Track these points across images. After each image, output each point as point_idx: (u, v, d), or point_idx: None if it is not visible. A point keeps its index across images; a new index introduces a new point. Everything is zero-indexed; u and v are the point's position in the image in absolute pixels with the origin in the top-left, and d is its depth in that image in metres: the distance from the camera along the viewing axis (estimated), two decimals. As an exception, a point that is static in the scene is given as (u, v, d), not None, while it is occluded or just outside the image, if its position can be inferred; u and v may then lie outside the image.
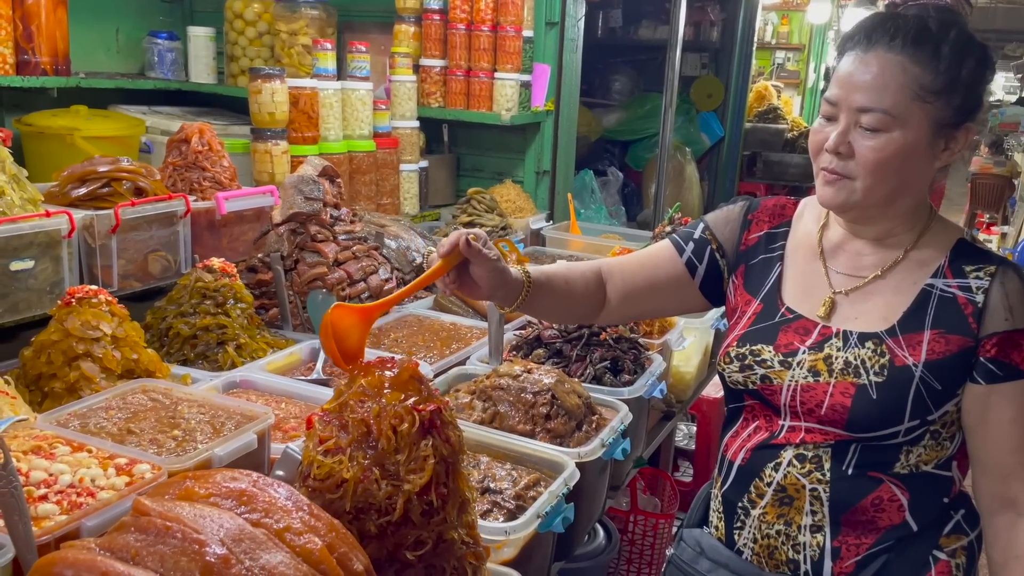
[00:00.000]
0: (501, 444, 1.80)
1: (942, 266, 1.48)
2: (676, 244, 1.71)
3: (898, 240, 1.52)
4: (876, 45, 1.39)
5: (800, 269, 1.60)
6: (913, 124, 1.38)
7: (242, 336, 2.17)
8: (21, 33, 3.33)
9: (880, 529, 1.49)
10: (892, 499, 1.48)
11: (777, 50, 9.65)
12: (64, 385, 1.79)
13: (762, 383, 1.54)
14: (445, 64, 3.63)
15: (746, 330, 1.59)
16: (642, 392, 2.14)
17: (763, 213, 1.67)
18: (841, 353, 1.49)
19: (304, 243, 2.36)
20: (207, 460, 1.47)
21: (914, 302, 1.48)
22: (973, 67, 1.40)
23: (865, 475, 1.48)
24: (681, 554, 1.69)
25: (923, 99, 1.37)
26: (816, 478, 1.50)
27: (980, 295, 1.44)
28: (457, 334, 2.44)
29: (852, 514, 1.49)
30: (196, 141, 2.54)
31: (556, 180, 3.86)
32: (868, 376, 1.45)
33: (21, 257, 1.95)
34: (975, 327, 1.43)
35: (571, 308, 1.74)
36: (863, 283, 1.53)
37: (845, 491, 1.49)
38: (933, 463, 1.50)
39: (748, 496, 1.58)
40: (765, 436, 1.57)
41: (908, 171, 1.42)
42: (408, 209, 3.55)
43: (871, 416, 1.45)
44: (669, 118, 4.92)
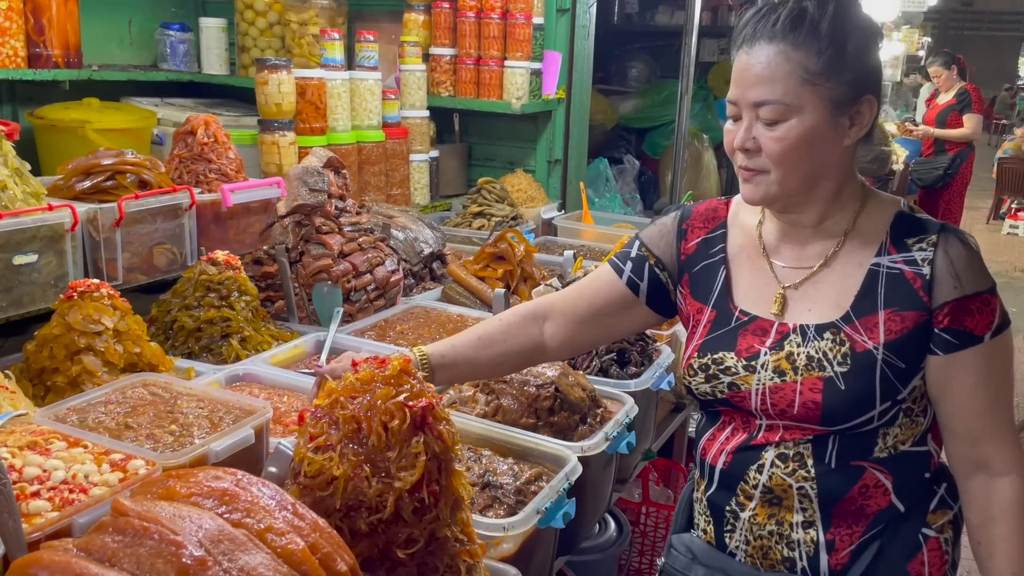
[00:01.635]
0: (503, 438, 1.78)
1: (884, 243, 1.48)
2: (614, 266, 1.69)
3: (835, 223, 1.51)
4: (759, 38, 1.40)
5: (747, 269, 1.58)
6: (809, 108, 1.38)
7: (246, 329, 2.16)
8: (32, 26, 3.33)
9: (869, 515, 1.49)
10: (877, 484, 1.48)
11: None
12: (66, 379, 1.79)
13: (730, 391, 1.52)
14: (455, 53, 3.59)
15: (704, 339, 1.57)
16: (649, 384, 2.11)
17: (696, 220, 1.65)
18: (802, 348, 1.47)
19: (309, 235, 2.35)
20: (203, 455, 1.46)
21: (863, 284, 1.47)
22: (859, 39, 1.39)
23: (848, 465, 1.48)
24: (673, 562, 1.65)
25: (812, 82, 1.37)
26: (801, 476, 1.49)
27: (926, 267, 1.43)
28: (464, 325, 2.42)
29: (842, 505, 1.49)
30: (202, 133, 2.53)
31: (568, 169, 3.83)
32: (833, 368, 1.45)
33: (24, 251, 1.94)
34: (926, 299, 1.42)
35: (499, 363, 1.70)
36: (810, 273, 1.51)
37: (832, 484, 1.48)
38: (910, 441, 1.50)
39: (735, 499, 1.55)
40: (744, 438, 1.54)
41: (817, 155, 1.41)
42: (419, 199, 3.53)
43: (844, 407, 1.44)
44: (685, 105, 4.85)
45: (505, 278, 2.64)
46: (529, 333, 1.69)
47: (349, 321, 2.37)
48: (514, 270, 2.63)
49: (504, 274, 2.63)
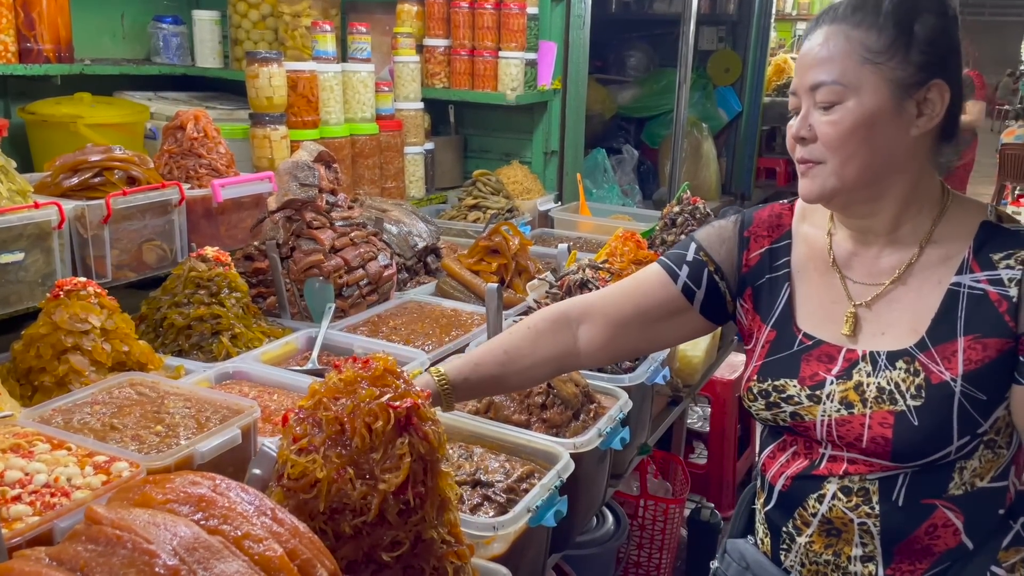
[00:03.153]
0: (495, 435, 1.76)
1: (966, 259, 1.34)
2: (668, 269, 1.56)
3: (911, 232, 1.38)
4: (821, 24, 1.34)
5: (814, 286, 1.46)
6: (868, 89, 1.29)
7: (237, 326, 2.14)
8: (23, 21, 3.30)
9: (935, 554, 1.38)
10: (947, 524, 1.36)
11: (798, 21, 9.44)
12: (53, 379, 1.77)
13: (792, 420, 1.43)
14: (449, 44, 3.56)
15: (763, 361, 1.47)
16: (644, 379, 2.09)
17: (760, 227, 1.54)
18: (872, 379, 1.36)
19: (300, 230, 2.32)
20: (188, 457, 1.44)
21: (941, 306, 1.34)
22: (929, 19, 1.29)
23: (918, 503, 1.36)
24: (726, 569, 1.59)
25: (872, 61, 1.29)
26: (864, 512, 1.38)
27: (1013, 288, 1.29)
28: (458, 320, 2.40)
29: (906, 544, 1.38)
30: (191, 128, 2.51)
31: (565, 160, 3.80)
32: (905, 401, 1.33)
33: (10, 250, 1.92)
34: (1012, 324, 1.29)
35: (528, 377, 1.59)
36: (883, 290, 1.39)
37: (897, 523, 1.37)
38: (989, 476, 1.37)
39: (793, 523, 1.47)
40: (805, 465, 1.45)
41: (878, 142, 1.31)
42: (414, 192, 3.51)
43: (916, 444, 1.32)
44: (684, 94, 4.84)
45: (499, 271, 2.62)
46: (560, 339, 1.57)
47: (342, 317, 2.35)
48: (508, 263, 2.61)
49: (498, 267, 2.61)
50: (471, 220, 3.27)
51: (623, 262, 2.39)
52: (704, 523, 3.37)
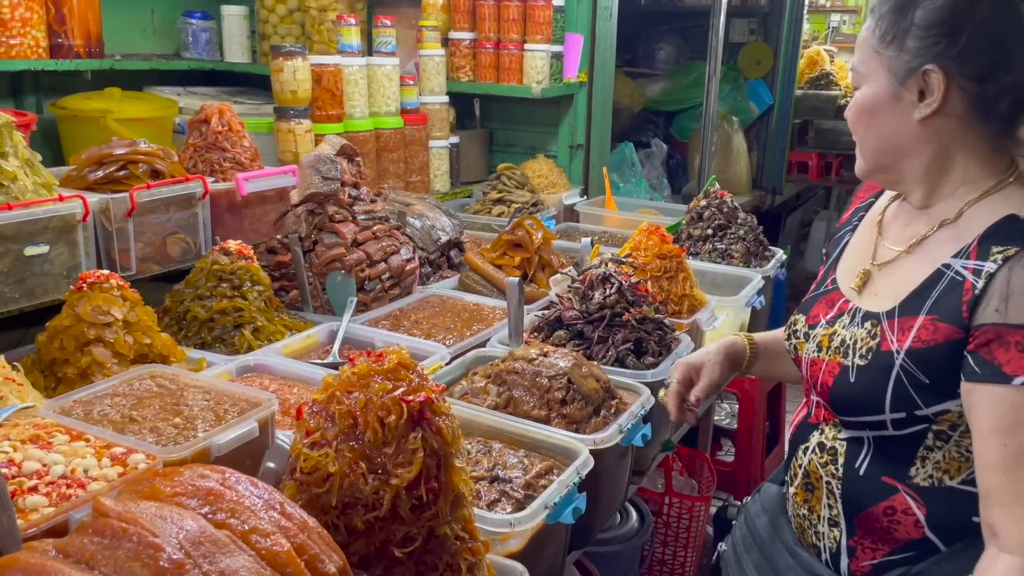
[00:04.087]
0: (514, 430, 1.74)
1: (970, 245, 1.34)
2: None
3: (940, 210, 1.42)
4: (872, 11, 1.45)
5: (861, 242, 1.58)
6: (874, 77, 1.39)
7: (259, 319, 2.14)
8: (53, 16, 3.34)
9: (898, 541, 1.40)
10: (907, 512, 1.38)
11: (832, 13, 9.28)
12: (76, 371, 1.79)
13: (794, 353, 1.59)
14: (474, 36, 3.54)
15: (804, 298, 1.64)
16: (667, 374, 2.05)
17: (864, 189, 1.68)
18: (844, 331, 1.46)
19: (322, 224, 2.32)
20: (205, 449, 1.44)
21: (924, 282, 1.38)
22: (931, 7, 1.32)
23: (878, 479, 1.41)
24: (751, 504, 1.76)
25: (878, 51, 1.38)
26: (831, 471, 1.47)
27: (982, 280, 1.28)
28: (479, 314, 2.39)
29: (865, 518, 1.43)
30: (216, 121, 2.52)
31: (591, 154, 3.76)
32: (853, 358, 1.42)
33: (36, 242, 1.94)
34: (966, 317, 1.29)
35: None
36: (895, 256, 1.47)
37: (857, 492, 1.43)
38: (960, 477, 1.37)
39: (789, 472, 1.61)
40: (804, 413, 1.61)
41: (882, 126, 1.40)
42: (439, 186, 3.50)
43: (849, 399, 1.41)
44: (713, 87, 4.78)
45: (522, 266, 2.59)
46: None
47: (364, 310, 2.35)
48: (531, 257, 2.58)
49: (521, 262, 2.59)
50: (495, 214, 3.26)
51: (647, 256, 2.36)
52: (731, 521, 3.32)
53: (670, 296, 2.36)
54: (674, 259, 2.38)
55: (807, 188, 7.39)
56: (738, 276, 2.81)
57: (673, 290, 2.36)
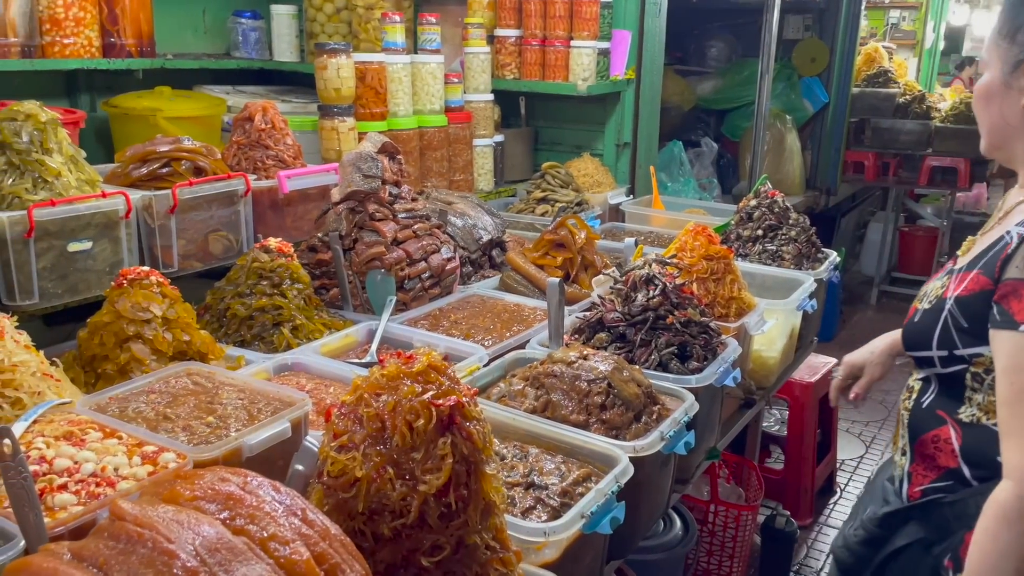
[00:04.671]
0: (552, 435, 1.70)
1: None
2: None
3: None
4: None
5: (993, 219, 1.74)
6: (992, 65, 1.57)
7: (298, 317, 2.13)
8: (106, 16, 3.39)
9: (940, 468, 1.63)
10: (948, 441, 1.62)
11: (891, 9, 9.02)
12: (115, 367, 1.79)
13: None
14: (520, 34, 3.50)
15: None
16: (712, 380, 1.98)
17: None
18: (931, 284, 1.71)
19: (363, 222, 2.30)
20: (236, 449, 1.43)
21: (989, 245, 1.59)
22: None
23: (934, 412, 1.66)
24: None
25: (996, 42, 1.57)
26: (906, 406, 1.74)
27: (1016, 241, 1.52)
28: (520, 315, 2.34)
29: (920, 445, 1.67)
30: (259, 119, 2.52)
31: (638, 152, 3.69)
32: (924, 304, 1.68)
33: (79, 238, 1.96)
34: (998, 272, 1.52)
35: None
36: (991, 226, 1.67)
37: (918, 422, 1.68)
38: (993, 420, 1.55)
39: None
40: None
41: (993, 111, 1.58)
42: (483, 185, 3.46)
43: (911, 336, 1.69)
44: (766, 85, 4.67)
45: (565, 266, 2.54)
46: None
47: (403, 309, 2.32)
48: (574, 258, 2.53)
49: (564, 262, 2.54)
50: (539, 213, 3.21)
51: (693, 257, 2.28)
52: (779, 531, 3.23)
53: (717, 298, 2.28)
54: (721, 260, 2.31)
55: (863, 189, 7.18)
56: (789, 279, 2.72)
57: (720, 292, 2.29)
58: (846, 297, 7.04)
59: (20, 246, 1.85)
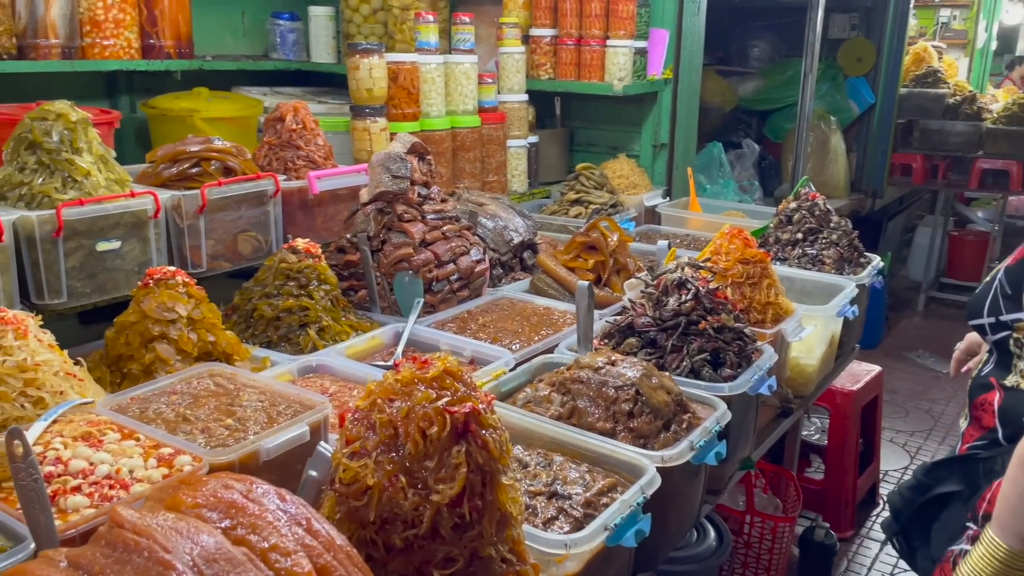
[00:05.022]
0: (577, 443, 1.65)
1: None
2: None
3: None
4: None
5: None
6: None
7: (324, 318, 2.11)
8: (146, 18, 3.43)
9: (983, 428, 1.72)
10: (990, 401, 1.71)
11: (941, 8, 8.78)
12: (140, 367, 1.79)
13: None
14: (556, 33, 3.45)
15: None
16: (746, 388, 1.92)
17: None
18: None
19: (391, 223, 2.28)
20: (253, 453, 1.41)
21: None
22: None
23: (988, 379, 1.75)
24: None
25: None
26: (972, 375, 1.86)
27: None
28: (549, 319, 2.30)
29: (974, 408, 1.78)
30: (291, 119, 2.51)
31: (675, 153, 3.62)
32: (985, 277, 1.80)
33: (107, 237, 1.96)
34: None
35: None
36: None
37: (975, 388, 1.79)
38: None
39: None
40: None
41: None
42: (516, 187, 3.43)
43: (971, 306, 1.79)
44: (809, 85, 4.57)
45: (596, 269, 2.49)
46: None
47: (431, 312, 2.29)
48: (606, 260, 2.48)
49: (595, 265, 2.49)
50: (572, 215, 3.16)
51: (728, 261, 2.22)
52: (818, 544, 3.14)
53: (752, 304, 2.21)
54: (758, 264, 2.24)
55: (911, 192, 6.99)
56: (829, 284, 2.63)
57: (756, 297, 2.22)
58: (892, 303, 6.86)
59: (49, 245, 1.86)
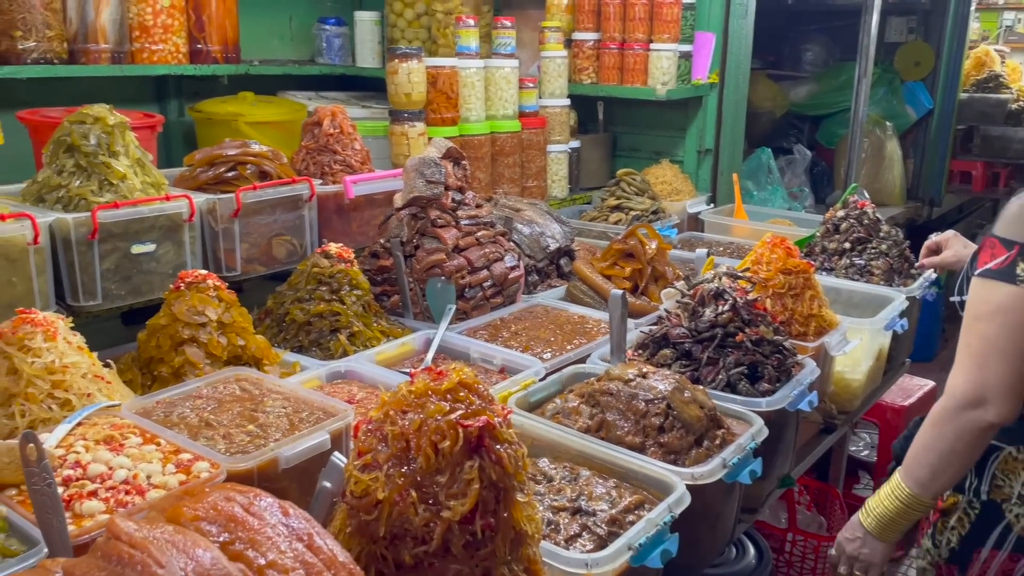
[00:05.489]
0: (604, 457, 1.60)
1: None
2: None
3: None
4: None
5: None
6: None
7: (356, 324, 2.10)
8: (194, 23, 3.48)
9: None
10: None
11: (1005, 11, 8.49)
12: (170, 370, 1.80)
13: None
14: (598, 37, 3.41)
15: None
16: (784, 403, 1.85)
17: None
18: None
19: (424, 228, 2.26)
20: (272, 460, 1.39)
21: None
22: None
23: None
24: None
25: None
26: None
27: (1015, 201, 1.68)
28: (583, 327, 2.25)
29: None
30: (328, 124, 2.51)
31: (720, 159, 3.54)
32: None
33: (142, 240, 1.98)
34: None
35: None
36: None
37: None
38: None
39: None
40: None
41: None
42: (556, 192, 3.38)
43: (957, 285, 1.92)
44: (863, 89, 4.45)
45: (633, 277, 2.44)
46: None
47: (464, 318, 2.27)
48: (643, 268, 2.42)
49: (632, 273, 2.44)
50: (612, 222, 3.11)
51: (769, 271, 2.15)
52: (863, 564, 3.01)
53: (794, 316, 2.14)
54: (800, 275, 2.16)
55: (970, 200, 6.75)
56: (878, 295, 2.53)
57: (798, 309, 2.14)
58: (948, 315, 6.62)
59: (84, 247, 1.88)
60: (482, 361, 2.06)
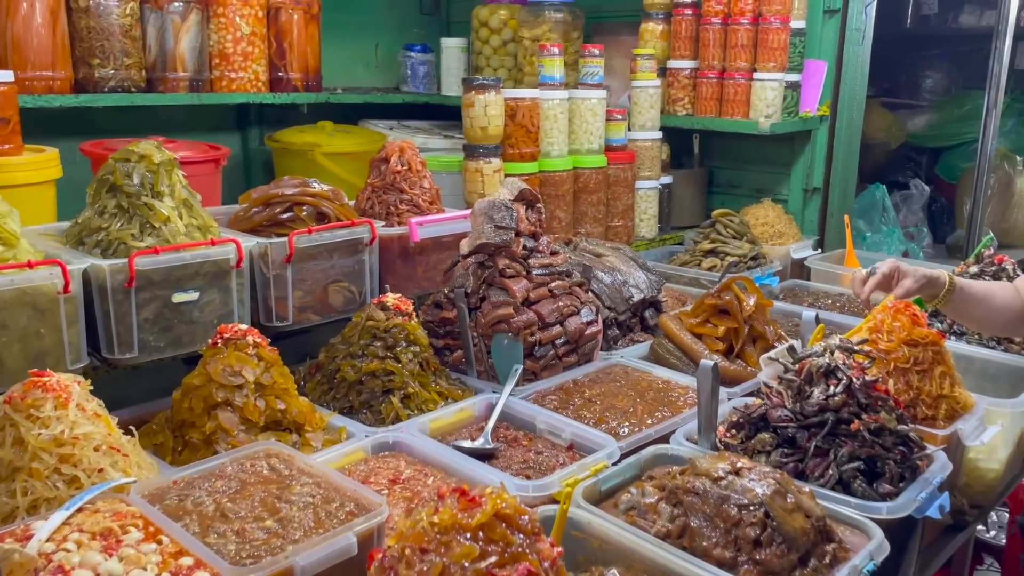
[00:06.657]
0: (687, 573, 1.33)
1: None
2: None
3: None
4: None
5: None
6: None
7: (411, 385, 1.89)
8: (275, 51, 3.40)
9: None
10: None
11: None
12: (201, 436, 1.63)
13: None
14: (695, 65, 3.13)
15: None
16: (910, 510, 1.53)
17: None
18: None
19: (491, 278, 2.04)
20: (286, 571, 1.18)
21: None
22: None
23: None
24: None
25: None
26: None
27: None
28: (668, 395, 1.98)
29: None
30: (395, 161, 2.33)
31: (830, 199, 3.20)
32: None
33: (185, 288, 1.82)
34: None
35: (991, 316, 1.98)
36: None
37: None
38: None
39: None
40: None
41: None
42: (644, 232, 3.12)
43: None
44: (992, 120, 4.01)
45: (728, 337, 2.15)
46: None
47: (532, 380, 2.03)
48: (740, 328, 2.13)
49: (727, 332, 2.15)
50: (706, 267, 2.82)
51: (891, 342, 1.83)
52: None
53: (921, 396, 1.81)
54: (929, 347, 1.83)
55: (1112, 243, 6.10)
56: (1018, 367, 2.17)
57: (925, 388, 1.81)
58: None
59: (121, 296, 1.74)
60: (549, 434, 1.82)
